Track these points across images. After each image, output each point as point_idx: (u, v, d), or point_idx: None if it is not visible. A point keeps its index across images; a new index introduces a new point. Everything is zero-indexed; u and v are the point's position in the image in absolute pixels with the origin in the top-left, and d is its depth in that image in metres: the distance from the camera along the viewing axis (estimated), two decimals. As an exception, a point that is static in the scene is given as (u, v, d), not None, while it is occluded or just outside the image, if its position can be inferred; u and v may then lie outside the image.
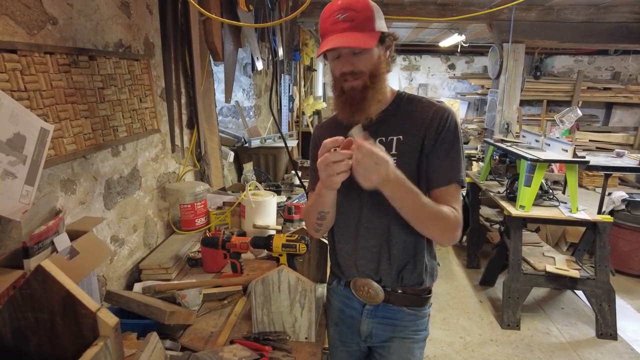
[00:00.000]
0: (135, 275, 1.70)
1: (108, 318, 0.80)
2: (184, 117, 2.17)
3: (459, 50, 6.64)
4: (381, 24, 1.10)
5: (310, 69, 6.04)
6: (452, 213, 1.09)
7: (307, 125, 5.00)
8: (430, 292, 1.29)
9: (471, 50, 7.82)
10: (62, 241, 1.09)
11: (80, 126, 1.33)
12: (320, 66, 7.14)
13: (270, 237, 1.39)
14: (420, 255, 1.21)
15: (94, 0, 1.43)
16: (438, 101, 1.20)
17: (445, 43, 6.66)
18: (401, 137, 1.16)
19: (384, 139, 1.17)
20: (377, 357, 1.33)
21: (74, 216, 1.36)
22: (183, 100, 2.14)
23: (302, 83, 5.61)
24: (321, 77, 7.37)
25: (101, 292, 1.46)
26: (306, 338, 1.26)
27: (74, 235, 1.20)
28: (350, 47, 1.06)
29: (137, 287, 1.56)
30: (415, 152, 1.14)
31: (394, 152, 1.15)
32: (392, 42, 1.14)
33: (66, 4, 1.30)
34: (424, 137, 1.14)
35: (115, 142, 1.55)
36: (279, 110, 4.01)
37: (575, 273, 2.81)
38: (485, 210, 4.19)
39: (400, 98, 1.21)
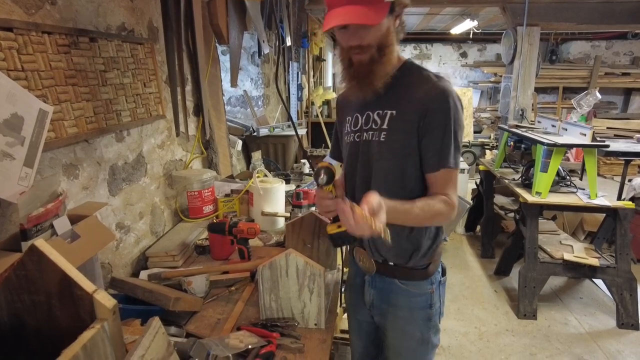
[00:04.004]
0: (142, 263, 1.68)
1: (105, 300, 0.76)
2: (190, 104, 2.13)
3: (471, 36, 6.49)
4: None
5: (319, 59, 5.96)
6: (445, 205, 1.09)
7: (317, 116, 4.93)
8: (426, 267, 1.23)
9: (483, 38, 7.66)
10: (63, 224, 1.06)
11: (81, 109, 1.30)
12: (329, 56, 7.06)
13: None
14: (403, 232, 1.17)
15: (94, -18, 1.39)
16: (437, 76, 1.12)
17: (457, 30, 6.52)
18: (394, 112, 1.12)
19: (380, 111, 1.15)
20: (381, 331, 1.34)
21: (78, 202, 1.33)
22: (189, 87, 2.10)
23: (312, 73, 5.54)
24: (330, 67, 7.28)
25: (107, 279, 1.44)
26: (316, 324, 1.22)
27: (76, 219, 1.17)
28: (357, 24, 1.02)
29: (143, 274, 1.54)
30: (404, 130, 1.11)
31: (384, 126, 1.13)
32: (402, 9, 1.08)
33: (65, -17, 1.26)
34: (414, 118, 1.09)
35: (119, 126, 1.51)
36: (288, 99, 3.95)
37: (594, 261, 2.71)
38: (499, 199, 4.09)
39: (404, 68, 1.15)
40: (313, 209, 1.78)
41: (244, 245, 1.48)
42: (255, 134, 2.95)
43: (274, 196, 1.94)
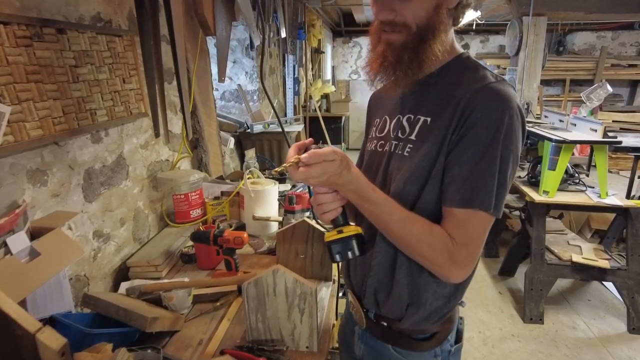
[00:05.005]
0: (124, 272, 1.56)
1: (51, 340, 0.64)
2: (179, 100, 2.00)
3: (473, 28, 6.32)
4: None
5: (318, 51, 5.81)
6: (438, 244, 0.79)
7: (315, 110, 4.80)
8: (431, 337, 0.95)
9: (486, 29, 7.47)
10: (19, 241, 0.93)
11: (47, 109, 1.17)
12: (328, 48, 6.89)
13: None
14: (401, 278, 0.90)
15: (62, -34, 1.26)
16: (498, 78, 0.83)
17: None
18: (429, 119, 0.85)
19: (411, 116, 0.89)
20: None
21: (47, 210, 1.21)
22: (174, 82, 1.97)
23: (310, 66, 5.39)
24: (330, 59, 7.13)
25: (82, 293, 1.32)
26: (307, 347, 1.10)
27: (40, 233, 1.05)
28: None
29: (123, 287, 1.42)
30: (433, 142, 0.82)
31: (412, 137, 0.86)
32: None
33: (28, -32, 1.13)
34: (449, 126, 0.80)
35: (95, 126, 1.39)
36: (283, 93, 3.82)
37: (604, 263, 2.59)
38: (503, 196, 3.96)
39: (455, 63, 0.88)
40: (307, 214, 1.65)
41: (230, 255, 1.36)
42: (249, 130, 2.82)
43: (266, 199, 1.82)
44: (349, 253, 0.85)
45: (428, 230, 0.81)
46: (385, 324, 0.97)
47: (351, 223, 0.90)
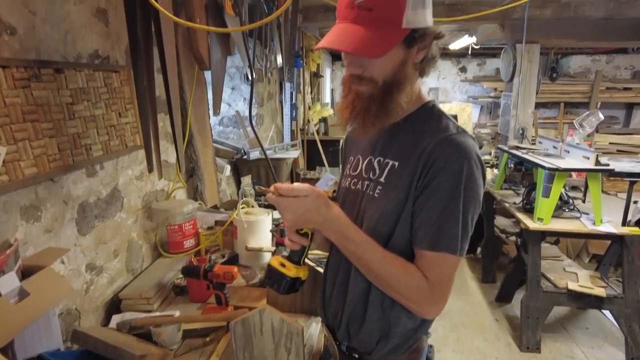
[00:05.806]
0: (116, 304, 1.56)
1: (33, 391, 0.65)
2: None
3: (469, 52, 6.43)
4: (416, 18, 0.82)
5: (316, 75, 5.91)
6: (414, 283, 0.85)
7: (313, 134, 4.84)
8: None
9: (482, 52, 7.61)
10: (9, 282, 0.95)
11: (43, 147, 1.20)
12: (327, 72, 7.00)
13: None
14: (373, 313, 0.94)
15: (62, 8, 1.30)
16: (460, 129, 0.89)
17: (456, 45, 6.45)
18: (397, 163, 0.91)
19: (381, 159, 0.95)
20: None
21: (39, 246, 1.23)
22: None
23: (309, 90, 5.47)
24: (329, 83, 7.23)
25: (73, 327, 1.32)
26: (294, 386, 1.10)
27: (30, 270, 1.07)
28: (350, 53, 0.84)
29: (115, 320, 1.42)
30: (401, 187, 0.88)
31: (382, 179, 0.93)
32: (430, 41, 0.87)
33: (27, 11, 1.17)
34: (415, 173, 0.86)
35: (90, 161, 1.41)
36: (281, 120, 3.87)
37: (601, 291, 2.58)
38: (500, 221, 3.96)
39: (422, 112, 0.94)
40: (298, 247, 1.66)
41: (220, 290, 1.37)
42: (246, 157, 2.86)
43: (259, 229, 1.83)
44: (276, 286, 0.95)
45: (405, 269, 0.86)
46: (356, 356, 1.01)
47: (315, 264, 0.98)
